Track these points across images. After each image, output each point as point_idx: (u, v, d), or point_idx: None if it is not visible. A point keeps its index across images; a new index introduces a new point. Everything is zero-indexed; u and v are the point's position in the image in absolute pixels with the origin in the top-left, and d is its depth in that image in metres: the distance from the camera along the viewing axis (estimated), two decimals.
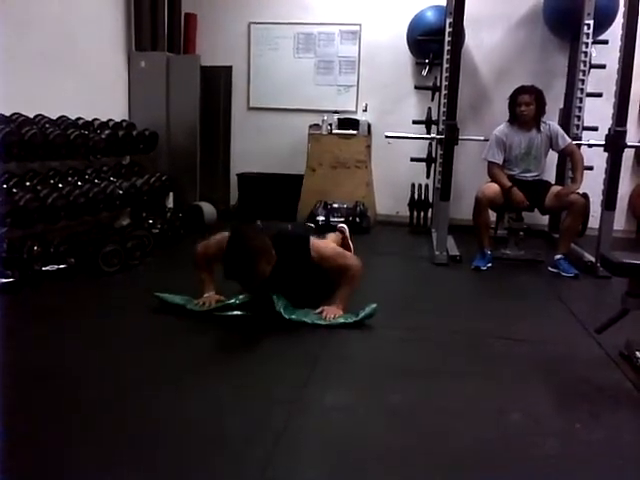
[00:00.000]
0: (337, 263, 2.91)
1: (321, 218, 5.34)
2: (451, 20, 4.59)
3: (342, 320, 2.85)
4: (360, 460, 1.77)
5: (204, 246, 3.02)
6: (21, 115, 3.74)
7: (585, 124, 4.86)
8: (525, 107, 4.16)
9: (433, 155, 5.38)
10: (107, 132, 4.37)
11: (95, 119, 4.50)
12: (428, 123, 5.35)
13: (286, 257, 2.76)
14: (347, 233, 3.81)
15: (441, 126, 4.96)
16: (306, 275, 2.95)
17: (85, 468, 1.68)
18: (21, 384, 2.12)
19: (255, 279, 2.67)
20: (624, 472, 1.79)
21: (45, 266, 3.40)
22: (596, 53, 4.87)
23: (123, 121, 4.88)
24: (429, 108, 5.42)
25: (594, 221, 4.42)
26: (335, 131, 5.63)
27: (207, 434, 1.87)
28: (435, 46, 5.23)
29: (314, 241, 2.93)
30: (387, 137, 4.81)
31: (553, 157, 4.81)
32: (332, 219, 5.27)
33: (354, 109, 5.91)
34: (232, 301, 2.90)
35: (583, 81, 4.84)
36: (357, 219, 5.37)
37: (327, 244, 3.12)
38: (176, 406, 2.05)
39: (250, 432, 1.88)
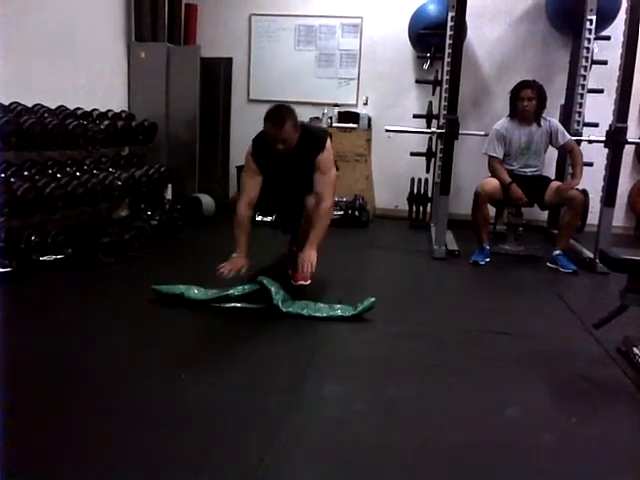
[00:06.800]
0: (325, 180, 3.10)
1: None
2: (453, 14, 4.58)
3: (340, 313, 2.85)
4: (357, 453, 1.77)
5: (242, 193, 3.25)
6: (20, 104, 3.72)
7: (586, 120, 4.85)
8: (527, 102, 4.15)
9: (433, 149, 5.38)
10: (106, 122, 4.35)
11: (94, 109, 4.48)
12: (429, 117, 5.34)
13: (305, 144, 3.07)
14: None
15: (442, 120, 4.95)
16: (311, 170, 3.13)
17: (86, 455, 1.67)
18: (19, 374, 2.11)
19: (282, 134, 2.95)
20: (620, 466, 1.79)
21: (43, 256, 3.40)
22: (598, 49, 4.86)
23: (122, 112, 4.86)
24: (430, 102, 5.40)
25: (593, 217, 4.42)
26: (335, 124, 5.62)
27: (205, 424, 1.87)
28: (437, 40, 5.20)
29: (328, 146, 3.16)
30: (387, 131, 4.81)
31: (553, 153, 4.80)
32: None
33: (354, 102, 5.89)
34: (231, 292, 2.91)
35: (584, 77, 4.82)
36: (356, 213, 5.36)
37: (332, 164, 3.24)
38: (175, 396, 2.04)
39: (248, 422, 1.88)
